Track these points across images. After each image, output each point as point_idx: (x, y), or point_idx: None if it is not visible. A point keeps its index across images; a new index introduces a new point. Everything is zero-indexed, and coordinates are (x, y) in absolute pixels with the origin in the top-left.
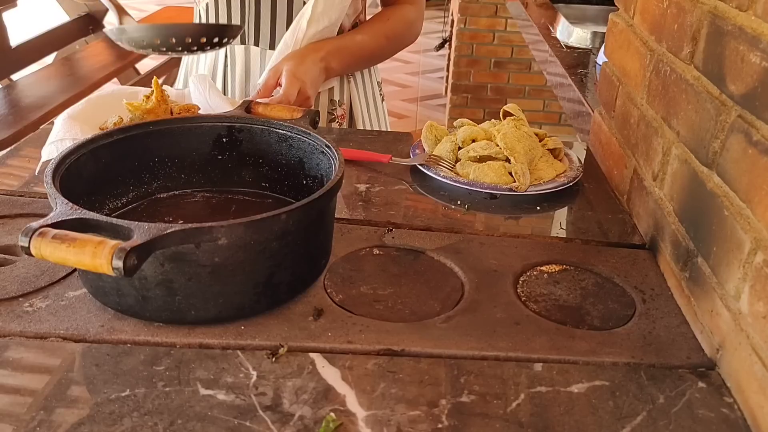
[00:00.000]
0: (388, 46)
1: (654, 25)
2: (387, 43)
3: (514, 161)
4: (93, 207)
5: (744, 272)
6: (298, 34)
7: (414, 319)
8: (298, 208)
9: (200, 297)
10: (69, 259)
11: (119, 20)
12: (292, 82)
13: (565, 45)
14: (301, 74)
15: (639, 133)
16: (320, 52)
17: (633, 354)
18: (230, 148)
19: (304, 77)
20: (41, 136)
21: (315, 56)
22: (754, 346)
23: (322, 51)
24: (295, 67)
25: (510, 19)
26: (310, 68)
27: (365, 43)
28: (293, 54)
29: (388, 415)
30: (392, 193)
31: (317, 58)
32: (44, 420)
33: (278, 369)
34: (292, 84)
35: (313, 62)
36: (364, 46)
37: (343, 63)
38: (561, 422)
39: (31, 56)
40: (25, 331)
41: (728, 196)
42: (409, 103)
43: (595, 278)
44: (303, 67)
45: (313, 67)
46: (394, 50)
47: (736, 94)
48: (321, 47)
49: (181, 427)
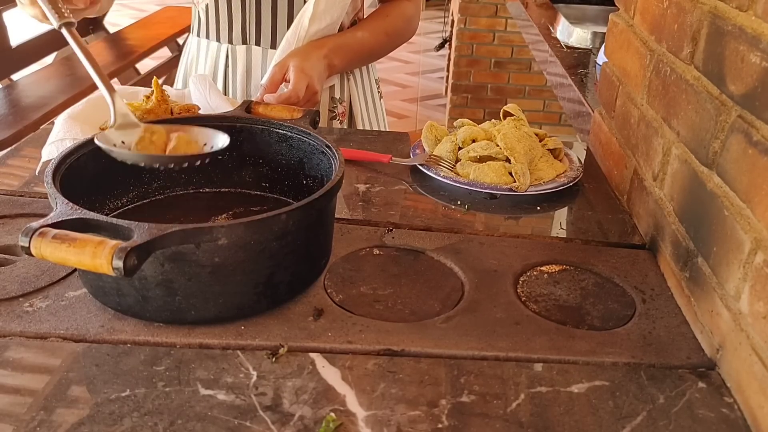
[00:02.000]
0: (388, 43)
1: (654, 25)
2: (387, 39)
3: (514, 161)
4: (93, 207)
5: (744, 272)
6: (300, 32)
7: (414, 319)
8: (298, 208)
9: (200, 297)
10: (69, 259)
11: (111, 102)
12: (300, 78)
13: (565, 45)
14: (308, 69)
15: (639, 133)
16: (323, 49)
17: (633, 354)
18: (230, 148)
19: (311, 72)
20: (41, 136)
21: (319, 53)
22: (754, 346)
23: (324, 48)
24: (302, 62)
25: (510, 19)
26: (315, 64)
27: (366, 40)
28: (297, 51)
29: (388, 415)
30: (392, 193)
31: (321, 55)
32: (44, 420)
33: (278, 369)
34: (300, 79)
35: (317, 58)
36: (365, 42)
37: (345, 60)
38: (561, 422)
39: (31, 56)
40: (25, 331)
41: (728, 196)
42: (409, 103)
43: (595, 278)
44: (309, 62)
45: (318, 63)
46: (394, 46)
47: (736, 94)
48: (323, 44)
49: (181, 427)
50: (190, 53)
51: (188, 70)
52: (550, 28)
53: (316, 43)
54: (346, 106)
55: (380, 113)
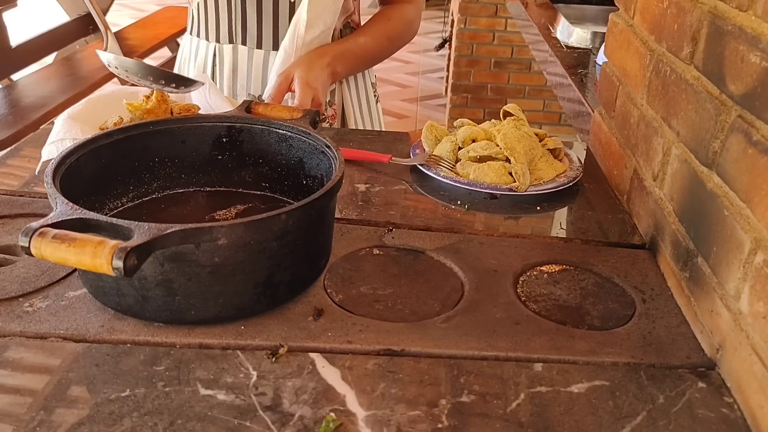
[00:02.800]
0: (390, 47)
1: (654, 25)
2: (389, 44)
3: (514, 161)
4: (93, 207)
5: (744, 272)
6: (297, 40)
7: (414, 319)
8: (298, 208)
9: (200, 297)
10: (69, 259)
11: (106, 44)
12: (305, 91)
13: (565, 45)
14: (312, 81)
15: (639, 133)
16: (326, 57)
17: (633, 354)
18: (230, 148)
19: (315, 84)
20: (41, 136)
21: (322, 62)
22: (754, 346)
23: (327, 56)
24: (306, 74)
25: (510, 19)
26: (319, 74)
27: (368, 45)
28: (300, 60)
29: (388, 415)
30: (392, 193)
31: (324, 64)
32: (44, 420)
33: (278, 369)
34: (305, 93)
35: (321, 68)
36: (368, 48)
37: (348, 66)
38: (561, 422)
39: (31, 56)
40: (25, 331)
41: (728, 196)
42: (409, 103)
43: (595, 278)
44: (313, 73)
45: (322, 73)
46: (395, 50)
47: (736, 94)
48: (326, 52)
49: (181, 427)
50: (183, 52)
51: (181, 69)
52: (550, 28)
53: (319, 51)
54: (336, 109)
55: (375, 116)
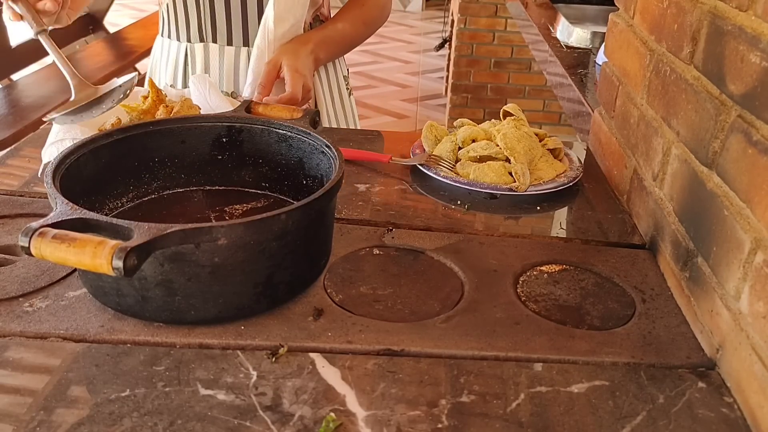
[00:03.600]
0: (366, 32)
1: (654, 25)
2: (365, 29)
3: (514, 161)
4: (93, 207)
5: (744, 272)
6: (268, 35)
7: (414, 319)
8: (297, 208)
9: (200, 297)
10: (69, 259)
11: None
12: (296, 79)
13: (565, 45)
14: (301, 68)
15: (639, 133)
16: (309, 44)
17: (633, 354)
18: (230, 148)
19: (304, 71)
20: (41, 136)
21: (306, 48)
22: (754, 346)
23: (310, 43)
24: (294, 61)
25: (510, 19)
26: (305, 61)
27: (347, 31)
28: (285, 48)
29: (388, 415)
30: (392, 193)
31: (308, 51)
32: (44, 420)
33: (278, 369)
34: (296, 80)
35: (306, 54)
36: (346, 33)
37: (329, 52)
38: (561, 422)
39: (31, 56)
40: (25, 331)
41: (728, 196)
42: (409, 103)
43: (595, 278)
44: (300, 60)
45: (307, 59)
46: (370, 34)
47: (736, 94)
48: (308, 39)
49: (181, 427)
50: (155, 55)
51: (153, 72)
52: (549, 28)
53: (302, 39)
54: (311, 104)
55: (349, 110)
